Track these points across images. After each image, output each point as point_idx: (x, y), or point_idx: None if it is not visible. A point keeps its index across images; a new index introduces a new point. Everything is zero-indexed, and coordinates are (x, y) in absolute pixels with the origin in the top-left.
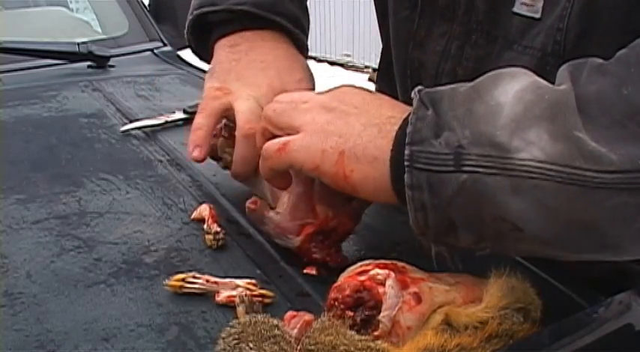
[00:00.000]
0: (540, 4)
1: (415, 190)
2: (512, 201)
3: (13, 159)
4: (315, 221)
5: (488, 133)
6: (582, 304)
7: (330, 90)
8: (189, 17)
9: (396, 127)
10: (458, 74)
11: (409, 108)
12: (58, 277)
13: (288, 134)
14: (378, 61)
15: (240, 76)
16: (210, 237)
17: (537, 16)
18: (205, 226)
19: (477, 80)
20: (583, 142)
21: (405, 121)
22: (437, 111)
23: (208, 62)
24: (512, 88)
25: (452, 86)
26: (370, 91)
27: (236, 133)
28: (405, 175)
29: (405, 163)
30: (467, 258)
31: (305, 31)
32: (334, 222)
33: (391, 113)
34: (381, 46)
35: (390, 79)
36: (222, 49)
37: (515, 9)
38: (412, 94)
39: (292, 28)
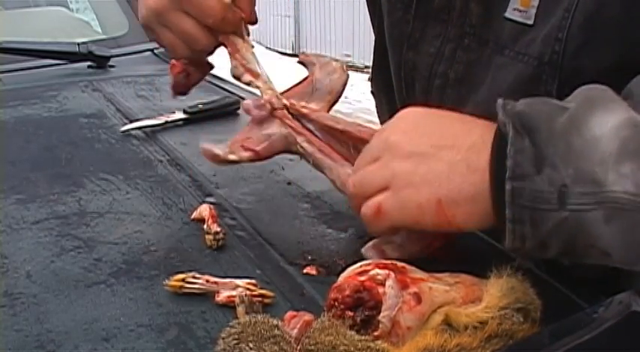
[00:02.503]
0: (533, 12)
1: (517, 224)
2: (605, 231)
3: (13, 159)
4: (437, 238)
5: (589, 171)
6: (582, 304)
7: (388, 125)
8: None
9: (484, 157)
10: (449, 77)
11: (483, 125)
12: (58, 277)
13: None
14: None
15: None
16: (210, 237)
17: (530, 22)
18: (205, 226)
19: (571, 107)
20: None
21: (494, 150)
22: (534, 142)
23: None
24: (607, 122)
25: (546, 111)
26: (428, 111)
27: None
28: (507, 210)
29: (507, 198)
30: (467, 259)
31: None
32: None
33: (469, 140)
34: None
35: (383, 78)
36: None
37: (508, 14)
38: (498, 109)
39: None
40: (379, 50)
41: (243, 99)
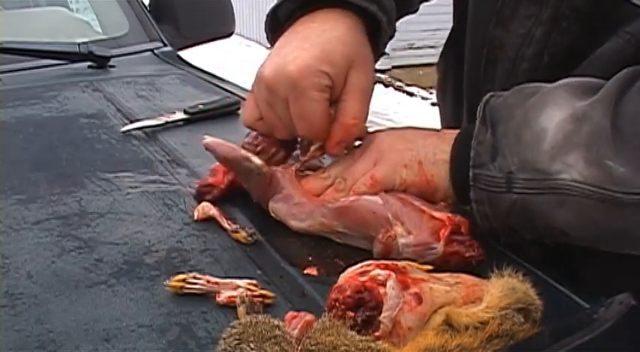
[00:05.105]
0: None
1: (479, 204)
2: (559, 213)
3: (14, 159)
4: (444, 224)
5: (532, 160)
6: (582, 304)
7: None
8: (267, 16)
9: (450, 135)
10: (543, 60)
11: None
12: (58, 277)
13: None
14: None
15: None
16: (244, 234)
17: None
18: (227, 226)
19: (531, 100)
20: (613, 169)
21: (460, 135)
22: (494, 133)
23: None
24: (555, 117)
25: (512, 103)
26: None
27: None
28: (471, 192)
29: (470, 183)
30: None
31: (384, 7)
32: (457, 218)
33: (432, 131)
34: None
35: (455, 59)
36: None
37: None
38: (479, 107)
39: (359, 1)
40: (458, 31)
41: (243, 99)
